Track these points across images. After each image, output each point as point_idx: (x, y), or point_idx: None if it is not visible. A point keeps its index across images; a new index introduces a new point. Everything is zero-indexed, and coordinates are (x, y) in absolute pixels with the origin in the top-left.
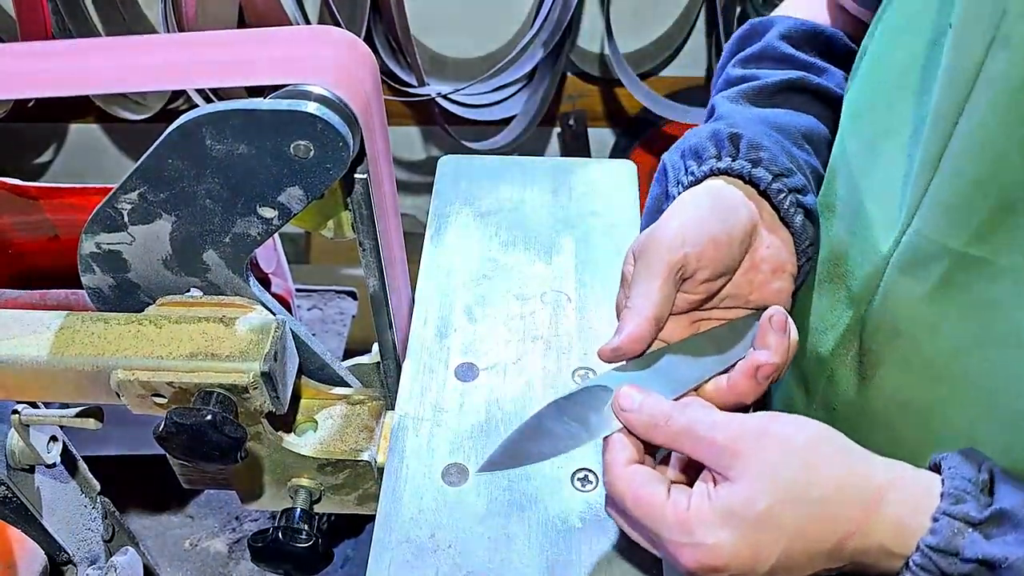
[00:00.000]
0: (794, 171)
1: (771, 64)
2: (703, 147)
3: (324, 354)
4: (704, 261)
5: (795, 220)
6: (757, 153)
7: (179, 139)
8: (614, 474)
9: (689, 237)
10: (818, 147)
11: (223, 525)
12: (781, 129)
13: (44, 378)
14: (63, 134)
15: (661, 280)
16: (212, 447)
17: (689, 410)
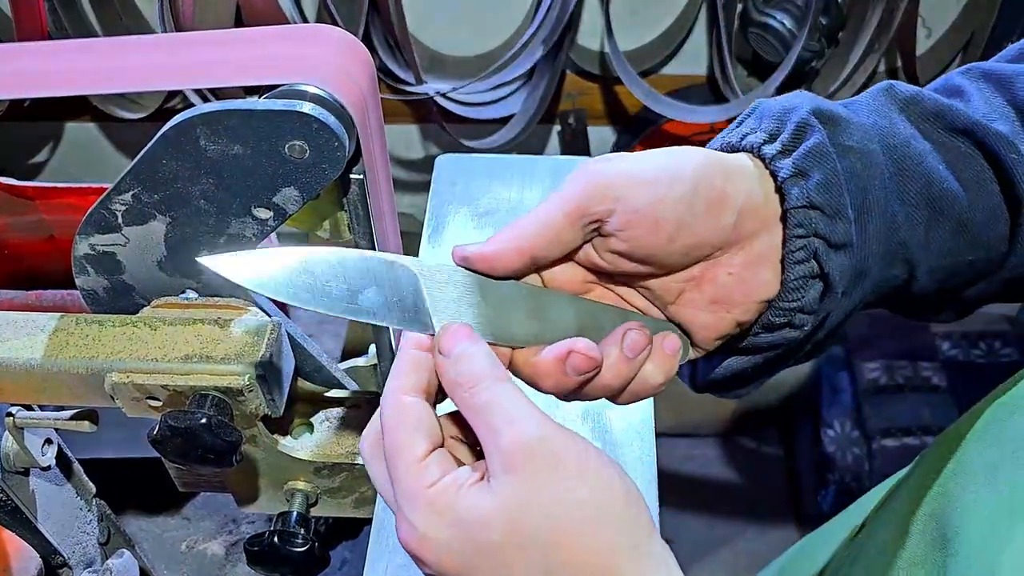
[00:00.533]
0: (845, 216)
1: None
2: (772, 113)
3: (320, 356)
4: (630, 236)
5: (793, 271)
6: (813, 163)
7: (173, 139)
8: (387, 402)
9: (633, 198)
10: (946, 242)
11: (220, 528)
12: (906, 172)
13: (38, 380)
14: (59, 133)
15: (563, 217)
16: (207, 450)
17: (499, 388)
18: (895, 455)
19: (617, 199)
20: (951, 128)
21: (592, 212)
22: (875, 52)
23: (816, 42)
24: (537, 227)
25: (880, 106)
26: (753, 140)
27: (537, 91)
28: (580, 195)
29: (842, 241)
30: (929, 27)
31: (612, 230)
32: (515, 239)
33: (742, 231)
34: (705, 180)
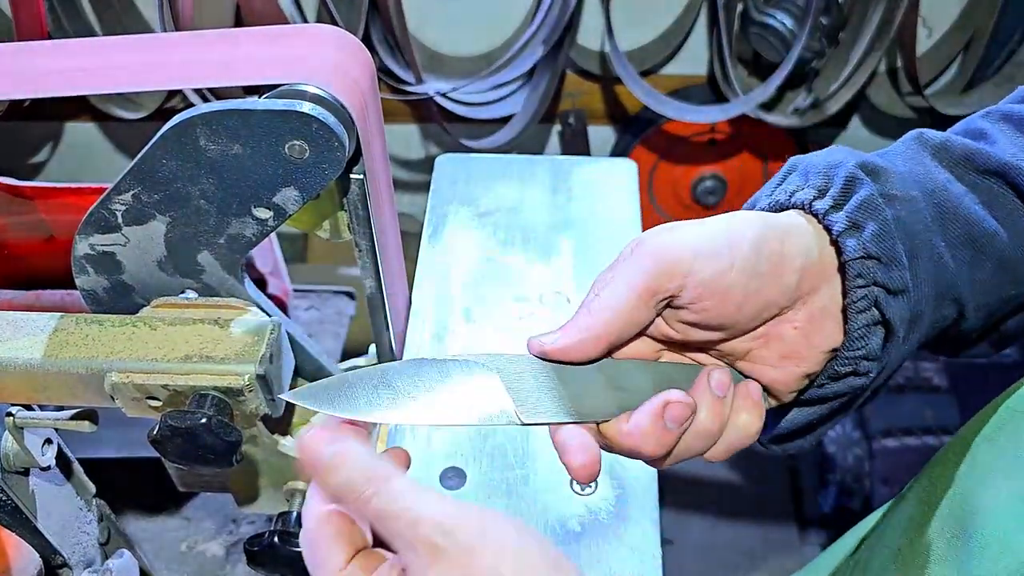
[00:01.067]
0: (900, 263)
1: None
2: (817, 170)
3: (320, 356)
4: (700, 308)
5: (856, 320)
6: (865, 215)
7: (173, 139)
8: (307, 512)
9: (700, 271)
10: (990, 275)
11: (220, 528)
12: (947, 215)
13: (38, 380)
14: (58, 133)
15: (636, 299)
16: (207, 450)
17: (386, 489)
18: (896, 455)
19: (686, 275)
20: (983, 170)
21: (663, 290)
22: (876, 52)
23: (817, 42)
24: (611, 314)
25: (913, 153)
26: (803, 197)
27: (537, 91)
28: (649, 275)
29: (900, 287)
30: (930, 27)
31: (683, 303)
32: (591, 328)
33: (804, 288)
34: (765, 245)
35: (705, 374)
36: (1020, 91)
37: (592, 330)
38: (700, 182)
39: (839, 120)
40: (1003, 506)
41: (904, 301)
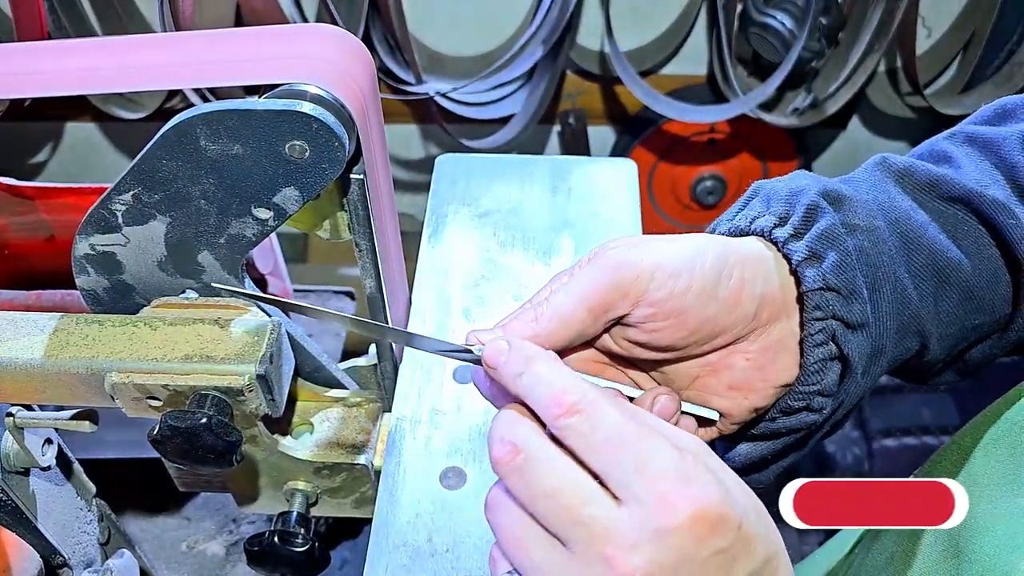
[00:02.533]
0: (860, 296)
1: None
2: (779, 197)
3: (320, 356)
4: (650, 328)
5: (812, 354)
6: (826, 245)
7: (173, 139)
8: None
9: (656, 291)
10: (953, 306)
11: (220, 527)
12: (911, 244)
13: (38, 381)
14: (59, 133)
15: (586, 313)
16: (207, 450)
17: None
18: (895, 455)
19: (641, 294)
20: (947, 197)
21: (616, 308)
22: (875, 52)
23: (816, 42)
24: (557, 324)
25: (876, 180)
26: (763, 224)
27: (537, 91)
28: (605, 289)
29: (859, 321)
30: (929, 27)
31: (633, 322)
32: (536, 337)
33: (761, 318)
34: (726, 270)
35: (649, 398)
36: (984, 111)
37: (538, 339)
38: (700, 182)
39: (838, 120)
40: (997, 524)
41: (864, 336)
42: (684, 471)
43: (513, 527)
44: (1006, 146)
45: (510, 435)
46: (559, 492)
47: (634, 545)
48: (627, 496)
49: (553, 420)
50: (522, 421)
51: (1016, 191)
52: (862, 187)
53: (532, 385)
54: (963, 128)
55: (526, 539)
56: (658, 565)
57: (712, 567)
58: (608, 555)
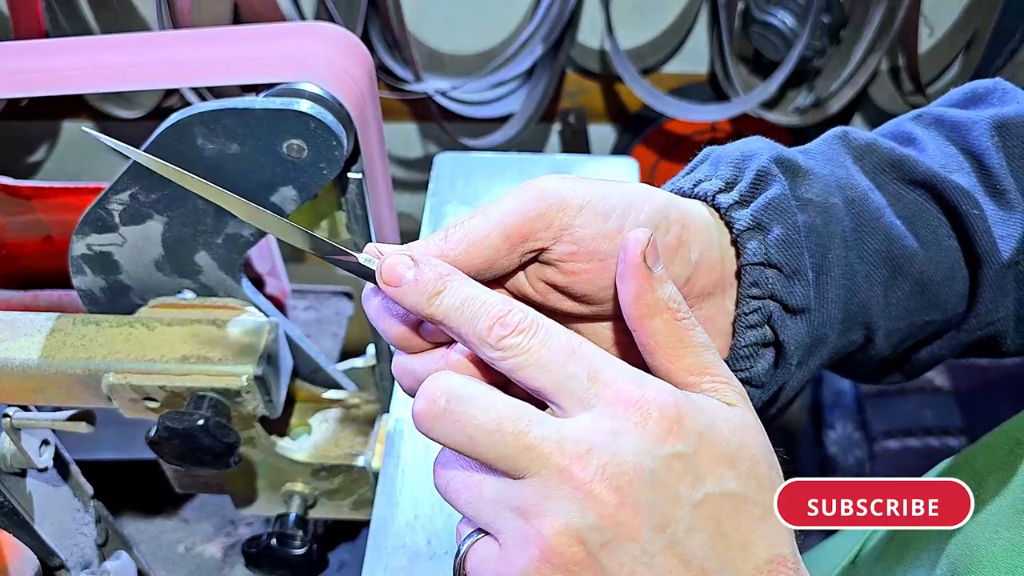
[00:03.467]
0: (804, 278)
1: (960, 145)
2: (729, 160)
3: (318, 357)
4: (570, 269)
5: (744, 336)
6: (773, 216)
7: (170, 138)
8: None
9: (582, 227)
10: (908, 296)
11: (217, 529)
12: (865, 228)
13: (35, 381)
14: (56, 132)
15: (502, 240)
16: (205, 452)
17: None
18: (897, 457)
19: (565, 227)
20: (908, 179)
21: (536, 238)
22: (877, 50)
23: (818, 40)
24: (466, 247)
25: (835, 154)
26: (708, 188)
27: (537, 89)
28: (526, 215)
29: (800, 306)
30: (931, 25)
31: (552, 259)
32: (440, 255)
33: (693, 287)
34: (663, 224)
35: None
36: (953, 93)
37: (444, 258)
38: None
39: (841, 119)
40: (1000, 554)
41: (803, 322)
42: (639, 377)
43: (462, 481)
44: (975, 130)
45: (426, 387)
46: (500, 423)
47: (589, 450)
48: (579, 406)
49: (496, 341)
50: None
51: (982, 179)
52: (819, 160)
53: (459, 305)
54: (930, 110)
55: (478, 486)
56: (616, 466)
57: (675, 472)
58: (564, 467)
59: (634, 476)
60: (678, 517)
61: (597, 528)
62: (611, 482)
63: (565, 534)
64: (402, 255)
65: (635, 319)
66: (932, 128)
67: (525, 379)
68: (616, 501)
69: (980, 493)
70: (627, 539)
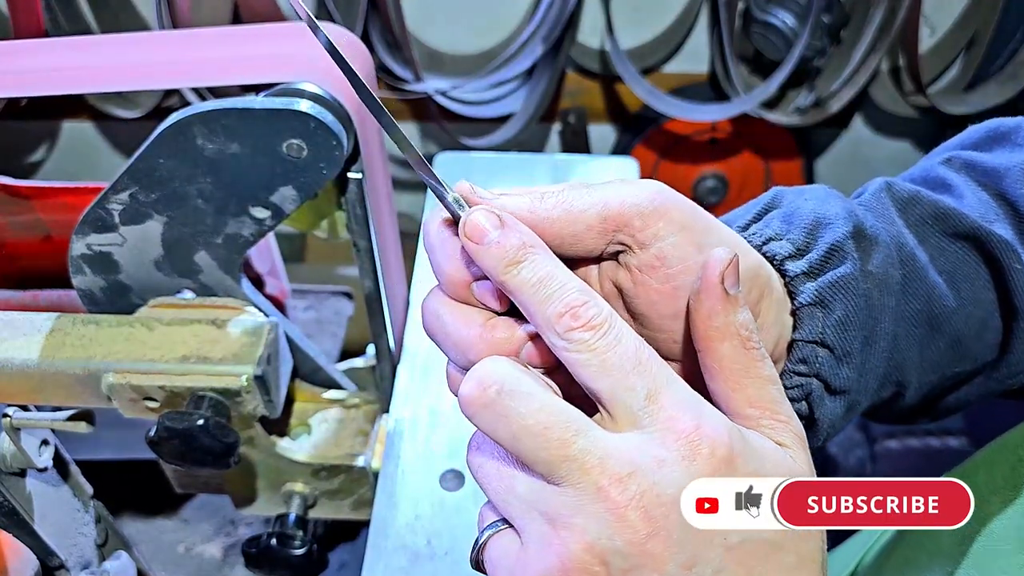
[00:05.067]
0: (851, 359)
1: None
2: (803, 222)
3: (318, 356)
4: (643, 280)
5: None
6: (838, 295)
7: (170, 138)
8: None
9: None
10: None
11: (217, 530)
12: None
13: (34, 381)
14: (56, 132)
15: (599, 217)
16: (204, 452)
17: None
18: (898, 457)
19: (659, 236)
20: (952, 233)
21: (630, 232)
22: (878, 50)
23: (818, 40)
24: (561, 214)
25: (884, 209)
26: (777, 250)
27: (537, 89)
28: (630, 204)
29: (843, 388)
30: (932, 25)
31: (631, 263)
32: (531, 213)
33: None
34: (746, 286)
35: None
36: (974, 132)
37: (532, 217)
38: (701, 181)
39: (841, 119)
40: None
41: (841, 401)
42: (698, 406)
43: (496, 468)
44: (1008, 178)
45: (479, 371)
46: (547, 427)
47: (631, 474)
48: (630, 422)
49: (564, 331)
50: (495, 359)
51: (1018, 229)
52: (875, 216)
53: (536, 282)
54: (960, 154)
55: (510, 479)
56: (655, 496)
57: None
58: (602, 486)
59: (671, 509)
60: (708, 558)
61: (623, 553)
62: (647, 511)
63: (589, 552)
64: (491, 212)
65: (703, 340)
66: (963, 173)
67: (584, 377)
68: (648, 531)
69: (983, 513)
70: (651, 570)
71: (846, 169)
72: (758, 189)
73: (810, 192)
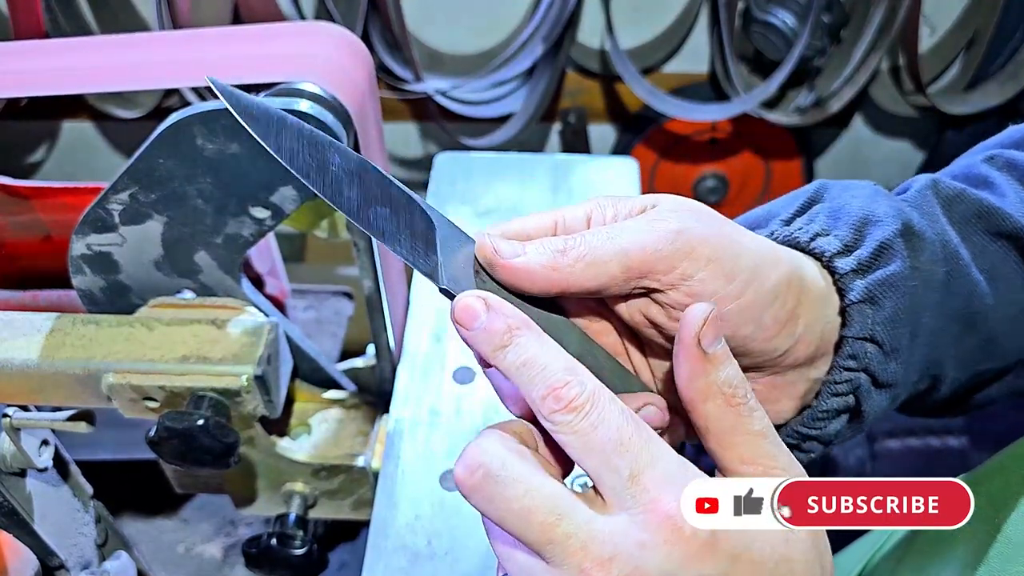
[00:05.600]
0: (899, 354)
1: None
2: (850, 219)
3: (318, 356)
4: (677, 317)
5: (827, 403)
6: (887, 292)
7: (170, 138)
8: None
9: (704, 283)
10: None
11: (217, 530)
12: (952, 286)
13: (34, 381)
14: (55, 132)
15: (621, 270)
16: (204, 452)
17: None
18: (898, 457)
19: (686, 276)
20: (994, 231)
21: (655, 277)
22: (878, 50)
23: (818, 40)
24: (584, 267)
25: (930, 207)
26: (825, 247)
27: (537, 89)
28: (651, 252)
29: (889, 382)
30: (932, 25)
31: (663, 301)
32: (554, 270)
33: (787, 358)
34: (781, 298)
35: (640, 401)
36: (1015, 132)
37: (555, 273)
38: (701, 181)
39: (841, 119)
40: None
41: (887, 394)
42: (681, 482)
43: (501, 535)
44: None
45: (468, 454)
46: (529, 512)
47: (612, 558)
48: (616, 504)
49: (548, 413)
50: (487, 437)
51: None
52: (921, 214)
53: (520, 365)
54: (1002, 153)
55: (513, 546)
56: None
57: None
58: (585, 569)
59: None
60: None
61: None
62: None
63: None
64: (477, 297)
65: (687, 402)
66: (1005, 172)
67: (572, 456)
68: None
69: (998, 520)
70: None
71: (846, 169)
72: (758, 189)
73: (856, 188)
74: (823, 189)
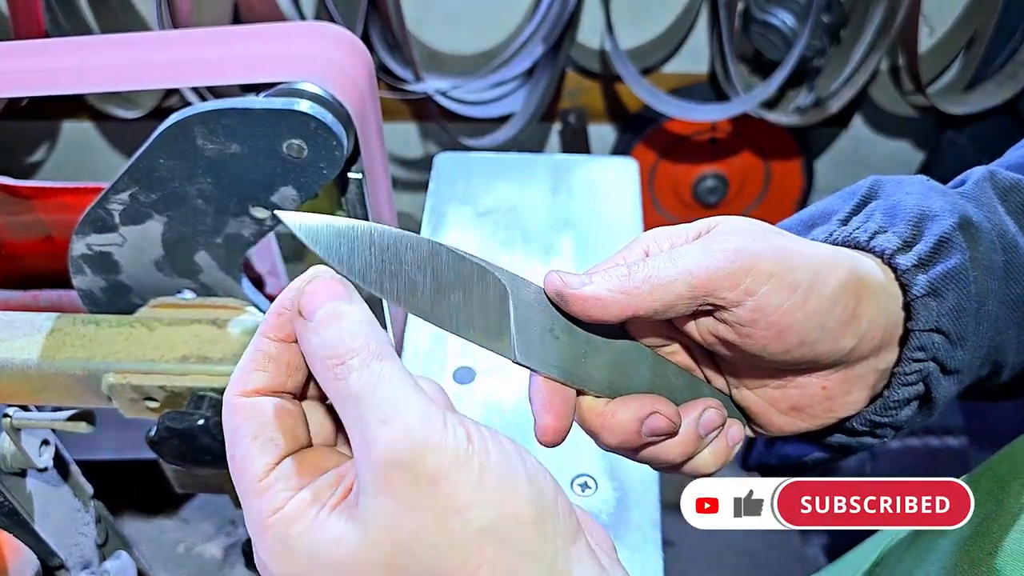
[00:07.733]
0: (966, 343)
1: None
2: (907, 216)
3: None
4: (746, 333)
5: (898, 392)
6: (950, 284)
7: (170, 138)
8: (228, 395)
9: (768, 297)
10: None
11: (218, 529)
12: (1012, 274)
13: (35, 381)
14: (56, 132)
15: (687, 290)
16: (205, 452)
17: (377, 368)
18: (898, 457)
19: (750, 292)
20: None
21: (720, 296)
22: (878, 50)
23: (818, 40)
24: (649, 289)
25: (987, 198)
26: (885, 244)
27: (537, 89)
28: (715, 271)
29: (957, 368)
30: (932, 25)
31: (730, 319)
32: (623, 294)
33: (853, 354)
34: (843, 299)
35: (700, 407)
36: None
37: (622, 297)
38: (701, 181)
39: (841, 119)
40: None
41: (955, 382)
42: None
43: None
44: None
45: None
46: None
47: None
48: None
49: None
50: None
51: None
52: (978, 205)
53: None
54: None
55: None
56: None
57: None
58: None
59: None
60: None
61: None
62: None
63: None
64: None
65: None
66: None
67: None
68: None
69: (1003, 497)
70: None
71: (846, 169)
72: (758, 189)
73: (910, 185)
74: (877, 186)
